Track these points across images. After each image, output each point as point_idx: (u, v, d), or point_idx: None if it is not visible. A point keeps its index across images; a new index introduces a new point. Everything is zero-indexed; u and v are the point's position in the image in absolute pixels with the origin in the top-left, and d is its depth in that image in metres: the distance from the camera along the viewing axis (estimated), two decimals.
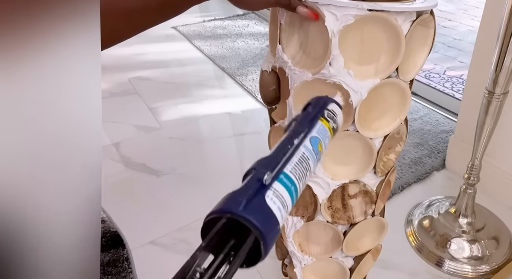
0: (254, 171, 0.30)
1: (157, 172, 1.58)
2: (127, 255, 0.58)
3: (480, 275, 1.13)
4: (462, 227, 1.20)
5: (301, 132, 0.36)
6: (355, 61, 0.51)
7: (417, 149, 1.59)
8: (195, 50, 2.65)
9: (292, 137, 0.35)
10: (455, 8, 3.39)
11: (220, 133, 1.82)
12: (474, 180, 1.15)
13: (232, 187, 0.29)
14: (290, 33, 0.53)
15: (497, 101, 0.99)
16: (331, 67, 0.51)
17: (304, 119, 0.38)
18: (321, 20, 0.48)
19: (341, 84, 0.52)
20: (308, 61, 0.53)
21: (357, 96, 0.53)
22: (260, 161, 0.32)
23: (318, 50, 0.52)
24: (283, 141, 0.34)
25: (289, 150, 0.33)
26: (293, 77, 0.54)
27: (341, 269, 0.75)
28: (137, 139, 1.79)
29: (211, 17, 3.13)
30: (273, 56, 0.59)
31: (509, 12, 0.87)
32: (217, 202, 0.28)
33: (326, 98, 0.42)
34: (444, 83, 2.18)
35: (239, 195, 0.27)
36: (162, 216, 1.37)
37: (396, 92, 0.56)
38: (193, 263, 0.24)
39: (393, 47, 0.51)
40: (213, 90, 2.20)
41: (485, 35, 1.20)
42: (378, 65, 0.52)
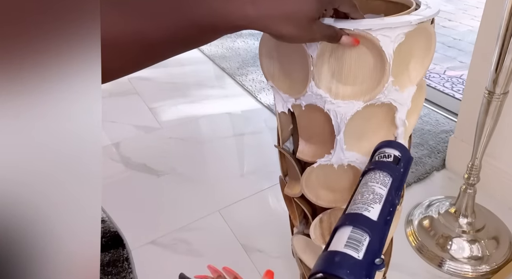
0: (369, 238, 0.35)
1: (157, 172, 1.58)
2: (127, 255, 0.58)
3: (480, 275, 1.13)
4: (462, 227, 1.20)
5: (398, 200, 0.40)
6: (394, 75, 0.49)
7: (417, 149, 1.59)
8: (195, 50, 2.64)
9: (394, 206, 0.39)
10: (455, 8, 3.39)
11: (220, 133, 1.82)
12: (474, 180, 1.15)
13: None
14: (320, 65, 0.49)
15: (497, 101, 0.99)
16: (386, 90, 0.49)
17: (397, 174, 0.42)
18: (370, 44, 0.45)
19: (391, 102, 0.50)
20: (347, 90, 0.50)
21: (404, 108, 0.52)
22: (373, 227, 0.36)
23: (359, 76, 0.49)
24: (385, 204, 0.39)
25: (391, 217, 0.38)
26: (337, 111, 0.50)
27: None
28: (137, 139, 1.79)
29: None
30: (287, 94, 0.54)
31: (509, 12, 0.87)
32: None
33: (411, 161, 0.46)
34: (444, 83, 2.18)
35: (361, 270, 0.32)
36: (162, 216, 1.37)
37: (419, 91, 0.56)
38: None
39: (422, 52, 0.50)
40: (213, 90, 2.20)
41: (485, 35, 1.20)
42: (409, 72, 0.51)
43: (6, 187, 0.21)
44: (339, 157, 0.54)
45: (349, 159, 0.54)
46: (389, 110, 0.52)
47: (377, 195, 0.39)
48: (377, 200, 0.39)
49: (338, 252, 0.34)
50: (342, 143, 0.52)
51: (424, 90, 0.57)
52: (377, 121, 0.53)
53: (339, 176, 0.58)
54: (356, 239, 0.35)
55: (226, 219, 1.32)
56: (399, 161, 0.44)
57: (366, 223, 0.36)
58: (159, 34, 0.37)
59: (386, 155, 0.45)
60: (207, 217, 1.32)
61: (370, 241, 0.35)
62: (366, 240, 0.35)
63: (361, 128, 0.53)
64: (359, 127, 0.53)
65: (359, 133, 0.54)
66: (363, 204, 0.38)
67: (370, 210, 0.37)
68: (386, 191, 0.40)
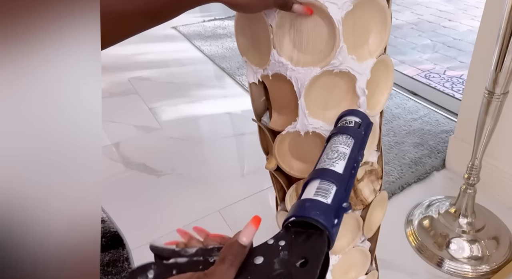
0: (335, 187, 0.39)
1: (157, 172, 1.58)
2: (127, 255, 0.58)
3: (480, 275, 1.13)
4: (462, 227, 1.20)
5: (361, 157, 0.45)
6: (351, 46, 0.53)
7: (417, 149, 1.59)
8: (195, 50, 2.65)
9: (357, 162, 0.43)
10: (455, 8, 3.39)
11: (220, 133, 1.82)
12: (474, 180, 1.15)
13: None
14: (281, 35, 0.53)
15: (497, 101, 0.99)
16: (339, 56, 0.52)
17: (358, 137, 0.47)
18: (320, 11, 0.49)
19: (348, 70, 0.54)
20: (308, 58, 0.54)
21: (363, 77, 0.55)
22: (339, 178, 0.40)
23: (317, 45, 0.53)
24: (349, 160, 0.43)
25: (355, 174, 0.42)
26: (298, 77, 0.54)
27: (363, 254, 0.76)
28: (137, 139, 1.79)
29: (211, 17, 3.13)
30: (258, 66, 0.58)
31: (509, 12, 0.87)
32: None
33: (371, 126, 0.50)
34: (444, 83, 2.18)
35: (330, 212, 0.36)
36: (162, 216, 1.37)
37: (384, 68, 0.60)
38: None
39: (379, 26, 0.54)
40: (213, 90, 2.20)
41: (485, 35, 1.20)
42: (369, 46, 0.55)
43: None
44: (303, 122, 0.57)
45: (313, 125, 0.57)
46: (350, 80, 0.55)
47: (341, 153, 0.44)
48: (341, 157, 0.43)
49: (308, 199, 0.38)
50: (304, 107, 0.56)
51: (391, 68, 0.61)
52: (340, 92, 0.57)
53: (308, 145, 0.61)
54: (324, 188, 0.39)
55: (226, 219, 1.32)
56: (360, 126, 0.49)
57: (332, 175, 0.40)
58: (125, 8, 0.40)
59: (348, 122, 0.50)
60: (207, 217, 1.32)
61: (336, 190, 0.39)
62: (333, 189, 0.39)
63: (325, 98, 0.57)
64: (323, 97, 0.56)
65: (324, 102, 0.57)
66: (329, 161, 0.43)
67: (336, 165, 0.42)
68: (349, 150, 0.44)
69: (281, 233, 0.35)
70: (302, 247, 0.33)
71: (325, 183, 0.39)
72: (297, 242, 0.33)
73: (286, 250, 0.32)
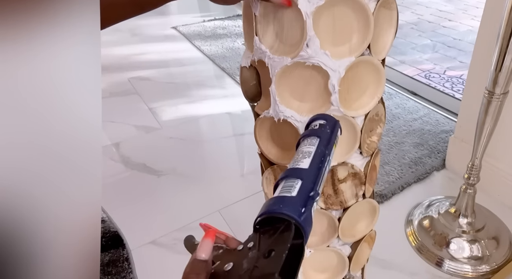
0: (301, 181, 0.39)
1: (157, 172, 1.58)
2: (127, 255, 0.58)
3: (480, 275, 1.13)
4: (462, 227, 1.20)
5: (328, 151, 0.46)
6: (329, 42, 0.54)
7: (417, 149, 1.59)
8: (195, 50, 2.65)
9: (325, 156, 0.44)
10: (455, 8, 3.40)
11: (220, 133, 1.82)
12: (474, 180, 1.15)
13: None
14: (265, 24, 0.56)
15: (497, 101, 0.99)
16: (308, 48, 0.54)
17: (323, 135, 0.48)
18: (294, 5, 0.51)
19: (320, 65, 0.55)
20: (286, 48, 0.56)
21: (336, 74, 0.56)
22: (304, 173, 0.41)
23: (295, 36, 0.55)
24: (315, 156, 0.44)
25: (324, 167, 0.43)
26: (273, 65, 0.57)
27: (340, 258, 0.76)
28: (137, 139, 1.79)
29: (211, 17, 3.13)
30: (251, 51, 0.61)
31: (509, 12, 0.87)
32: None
33: (338, 124, 0.52)
34: (444, 83, 2.18)
35: (295, 202, 0.36)
36: (162, 216, 1.37)
37: (371, 70, 0.60)
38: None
39: (362, 26, 0.55)
40: (213, 90, 2.20)
41: (485, 35, 1.20)
42: (351, 45, 0.56)
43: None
44: (274, 109, 0.59)
45: (284, 113, 0.59)
46: (326, 76, 0.56)
47: (306, 153, 0.45)
48: (306, 156, 0.44)
49: (273, 197, 0.38)
50: (275, 94, 0.58)
51: (381, 71, 0.61)
52: (317, 87, 0.58)
53: (284, 133, 0.62)
54: (288, 185, 0.39)
55: (226, 219, 1.32)
56: (325, 126, 0.50)
57: (297, 173, 0.41)
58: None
59: (313, 125, 0.52)
60: (207, 217, 1.32)
61: (302, 183, 0.39)
62: (298, 183, 0.39)
63: (302, 89, 0.59)
64: (300, 89, 0.58)
65: (300, 94, 0.59)
66: (294, 162, 0.44)
67: (300, 164, 0.42)
68: (314, 148, 0.45)
69: (250, 236, 0.35)
70: (269, 240, 0.33)
71: (290, 180, 0.40)
72: (264, 239, 0.34)
73: (255, 249, 0.33)
